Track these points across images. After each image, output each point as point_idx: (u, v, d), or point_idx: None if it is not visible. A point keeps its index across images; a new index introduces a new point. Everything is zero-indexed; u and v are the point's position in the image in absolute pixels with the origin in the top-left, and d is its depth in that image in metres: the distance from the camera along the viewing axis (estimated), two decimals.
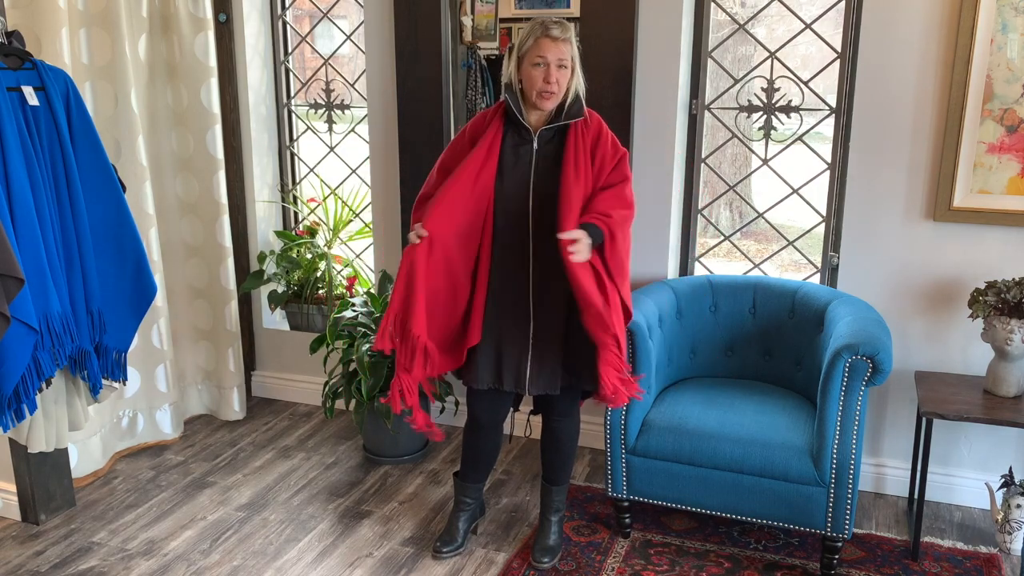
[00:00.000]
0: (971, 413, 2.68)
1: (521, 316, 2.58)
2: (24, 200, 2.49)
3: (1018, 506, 2.81)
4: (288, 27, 3.99)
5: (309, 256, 4.01)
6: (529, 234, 2.54)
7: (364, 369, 3.24)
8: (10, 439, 2.93)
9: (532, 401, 2.79)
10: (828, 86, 3.42)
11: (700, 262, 3.53)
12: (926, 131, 2.95)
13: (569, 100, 2.51)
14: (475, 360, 2.62)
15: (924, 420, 2.74)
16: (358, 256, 4.13)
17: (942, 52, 2.88)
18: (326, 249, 4.01)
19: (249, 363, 4.15)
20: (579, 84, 2.54)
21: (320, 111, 4.02)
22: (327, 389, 3.46)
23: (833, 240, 3.22)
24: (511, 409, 2.81)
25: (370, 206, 3.84)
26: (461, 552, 2.86)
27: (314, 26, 4.03)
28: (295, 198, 4.15)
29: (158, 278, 3.37)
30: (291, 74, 4.04)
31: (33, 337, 2.51)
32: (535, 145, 2.54)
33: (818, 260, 3.36)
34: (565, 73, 2.48)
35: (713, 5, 3.23)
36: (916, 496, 2.86)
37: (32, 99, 2.55)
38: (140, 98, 3.43)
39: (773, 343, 3.09)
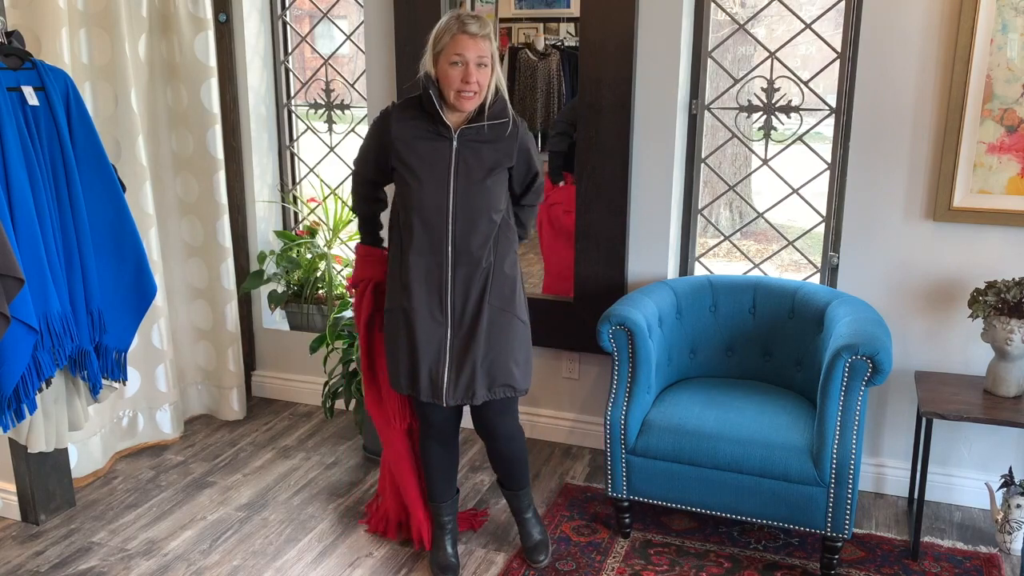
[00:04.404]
0: (971, 413, 2.68)
1: (437, 319, 2.47)
2: (24, 200, 2.49)
3: (1018, 506, 2.81)
4: (288, 27, 3.99)
5: (309, 256, 4.01)
6: (448, 234, 2.42)
7: None
8: (10, 439, 2.93)
9: (470, 417, 2.68)
10: (828, 86, 3.42)
11: (700, 262, 3.53)
12: (926, 131, 2.95)
13: (489, 100, 2.40)
14: (393, 362, 2.54)
15: (924, 420, 2.74)
16: None
17: (942, 52, 2.88)
18: (326, 249, 4.01)
19: (249, 363, 4.15)
20: (500, 81, 2.41)
21: (320, 111, 4.02)
22: (327, 389, 3.46)
23: (833, 240, 3.21)
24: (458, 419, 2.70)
25: None
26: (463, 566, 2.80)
27: (314, 26, 4.03)
28: (295, 198, 4.15)
29: (158, 278, 3.37)
30: (291, 74, 4.04)
31: (33, 337, 2.51)
32: (455, 144, 2.41)
33: (818, 260, 3.36)
34: (485, 72, 2.34)
35: (713, 5, 3.23)
36: (916, 496, 2.86)
37: (32, 99, 2.55)
38: (140, 98, 3.43)
39: (773, 343, 3.09)
